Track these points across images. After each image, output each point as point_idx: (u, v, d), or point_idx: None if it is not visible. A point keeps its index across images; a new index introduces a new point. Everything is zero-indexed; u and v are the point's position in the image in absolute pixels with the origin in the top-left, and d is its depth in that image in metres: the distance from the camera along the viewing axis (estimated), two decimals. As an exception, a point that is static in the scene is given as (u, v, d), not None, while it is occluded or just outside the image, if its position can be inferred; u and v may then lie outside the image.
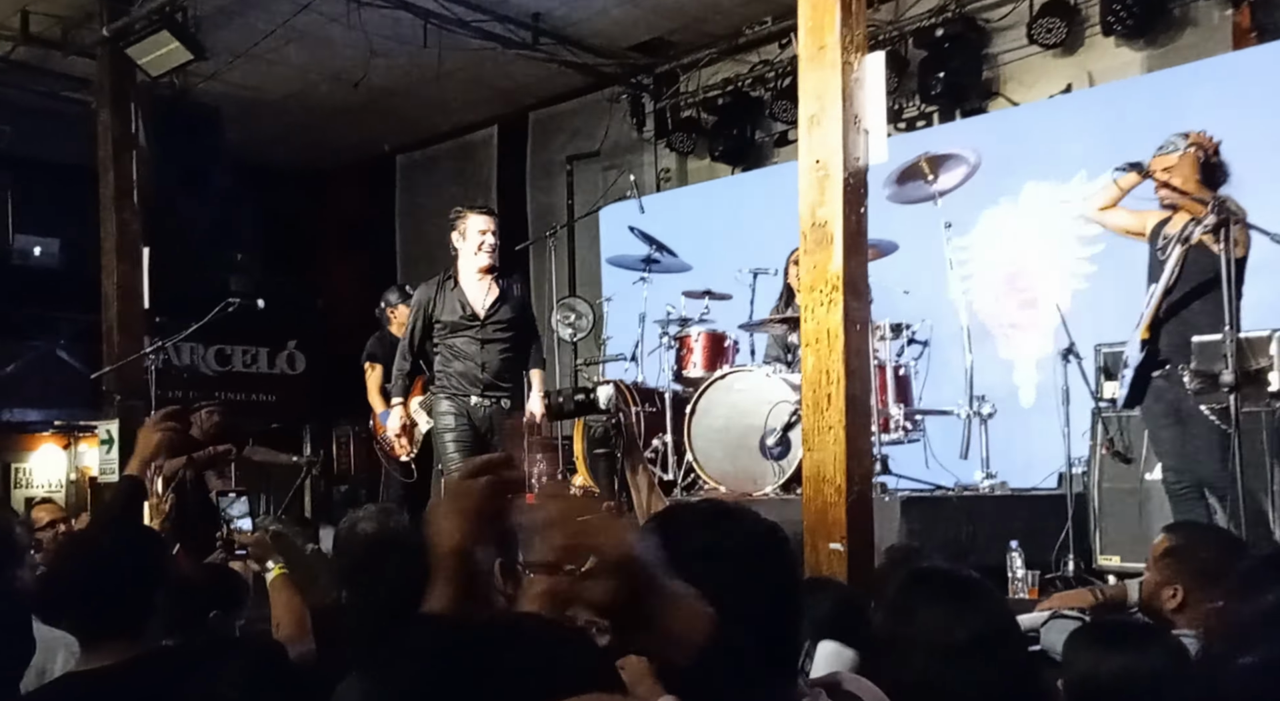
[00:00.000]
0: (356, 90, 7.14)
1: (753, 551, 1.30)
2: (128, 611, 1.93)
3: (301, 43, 6.86)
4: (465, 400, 4.53)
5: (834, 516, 3.23)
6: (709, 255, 5.78)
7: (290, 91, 7.69)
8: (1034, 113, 5.98)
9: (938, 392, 4.91)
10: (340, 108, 7.83)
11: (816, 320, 3.32)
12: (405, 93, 7.64)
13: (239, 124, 7.53)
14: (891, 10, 6.35)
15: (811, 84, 3.34)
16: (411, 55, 6.78)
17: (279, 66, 7.22)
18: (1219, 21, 5.49)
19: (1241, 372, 3.50)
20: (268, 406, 9.15)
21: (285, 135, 8.43)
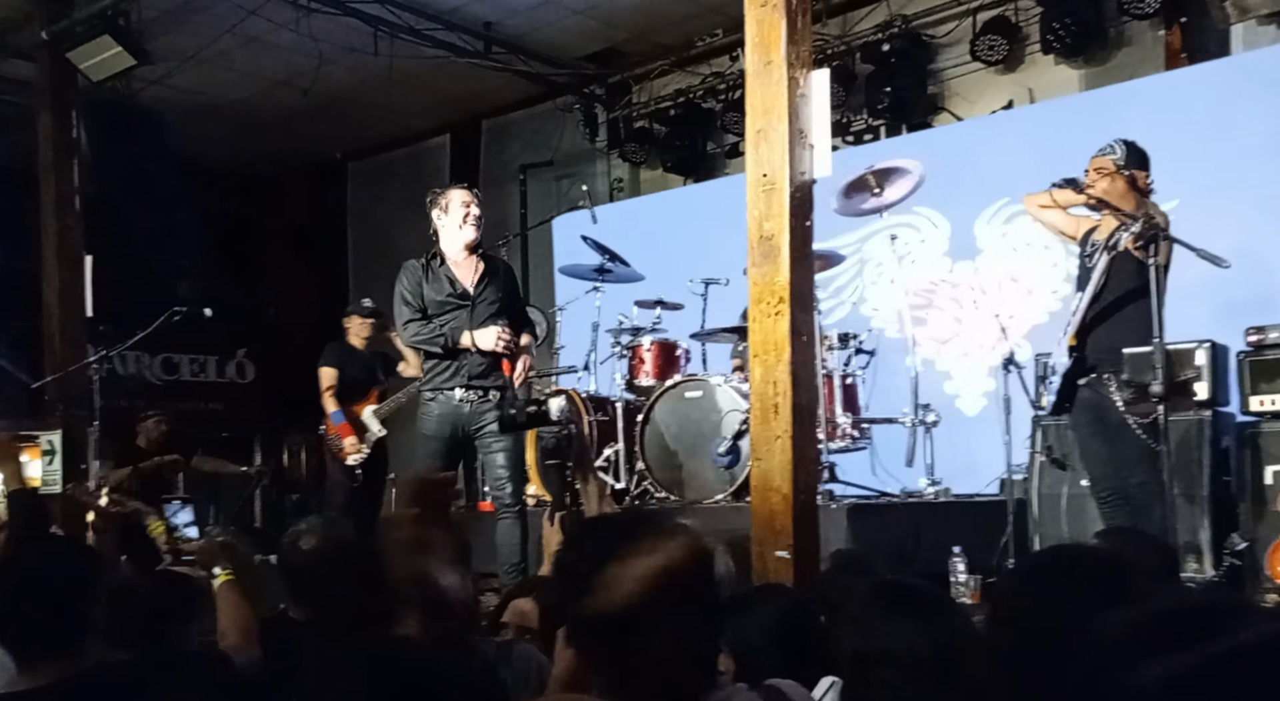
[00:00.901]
0: (306, 97, 7.08)
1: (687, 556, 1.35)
2: (60, 628, 1.88)
3: (249, 48, 6.79)
4: (450, 396, 4.09)
5: (781, 524, 3.28)
6: (661, 265, 5.83)
7: (239, 97, 7.60)
8: (977, 128, 6.13)
9: (884, 401, 5.00)
10: (290, 114, 7.75)
11: (764, 331, 3.37)
12: (356, 99, 7.60)
13: (186, 129, 7.41)
14: (840, 25, 6.46)
15: (758, 99, 3.40)
16: (362, 62, 6.75)
17: (227, 72, 7.14)
18: (1152, 43, 5.67)
19: (1170, 383, 3.64)
20: (216, 415, 9.00)
21: (234, 141, 8.32)
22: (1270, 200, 5.03)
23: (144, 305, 5.68)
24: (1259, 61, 5.22)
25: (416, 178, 8.76)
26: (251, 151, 8.62)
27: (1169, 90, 5.41)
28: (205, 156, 8.12)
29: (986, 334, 5.75)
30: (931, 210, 6.02)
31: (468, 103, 7.89)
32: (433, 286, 4.17)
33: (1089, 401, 3.74)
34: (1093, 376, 3.71)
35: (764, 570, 3.25)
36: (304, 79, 6.91)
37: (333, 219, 9.30)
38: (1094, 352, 3.71)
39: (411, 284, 4.18)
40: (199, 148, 7.86)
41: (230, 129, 8.08)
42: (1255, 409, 4.09)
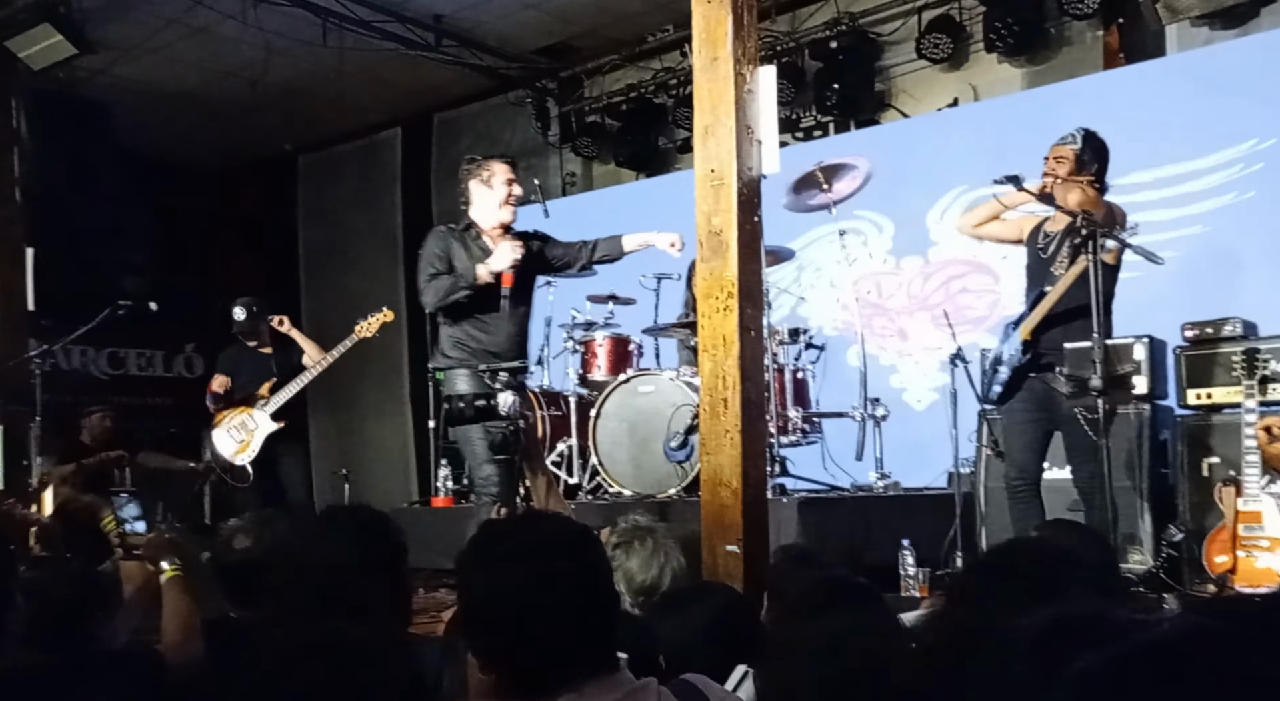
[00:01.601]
0: (255, 89, 6.96)
1: (574, 546, 1.43)
2: None
3: (195, 39, 6.66)
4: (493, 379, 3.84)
5: (730, 518, 3.27)
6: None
7: (186, 88, 7.45)
8: (923, 125, 6.20)
9: (834, 396, 5.05)
10: (239, 106, 7.62)
11: (713, 326, 3.37)
12: (306, 92, 7.49)
13: (133, 121, 7.25)
14: (789, 22, 6.50)
15: (705, 94, 3.39)
16: (312, 54, 6.65)
17: (173, 63, 6.99)
18: (1091, 42, 5.78)
19: (1109, 377, 3.71)
20: (164, 410, 8.77)
21: (182, 133, 8.16)
22: (1203, 197, 5.17)
23: (88, 299, 5.59)
24: (1192, 62, 5.35)
25: (368, 171, 8.69)
26: (200, 144, 8.46)
27: (1107, 89, 5.53)
28: (152, 148, 7.97)
29: (934, 329, 5.83)
30: (874, 213, 6.08)
31: (419, 96, 7.81)
32: (467, 256, 3.92)
33: (1039, 393, 3.79)
34: (1046, 371, 3.76)
35: (714, 565, 3.25)
36: (252, 71, 6.79)
37: (283, 212, 9.16)
38: (1049, 348, 3.76)
39: (441, 248, 3.95)
40: (146, 140, 7.71)
41: (178, 121, 7.92)
42: (1192, 402, 4.17)
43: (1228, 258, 5.09)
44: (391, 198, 8.54)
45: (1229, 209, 5.15)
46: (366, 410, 8.72)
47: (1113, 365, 4.07)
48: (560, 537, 1.44)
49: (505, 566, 1.40)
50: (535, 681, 1.38)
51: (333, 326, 8.94)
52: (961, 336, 4.76)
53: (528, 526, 1.52)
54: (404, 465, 8.30)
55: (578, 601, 1.38)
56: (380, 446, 8.53)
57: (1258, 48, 5.12)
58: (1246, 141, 5.10)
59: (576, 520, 1.56)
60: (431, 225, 7.98)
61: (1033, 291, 3.85)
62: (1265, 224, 5.00)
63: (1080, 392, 4.15)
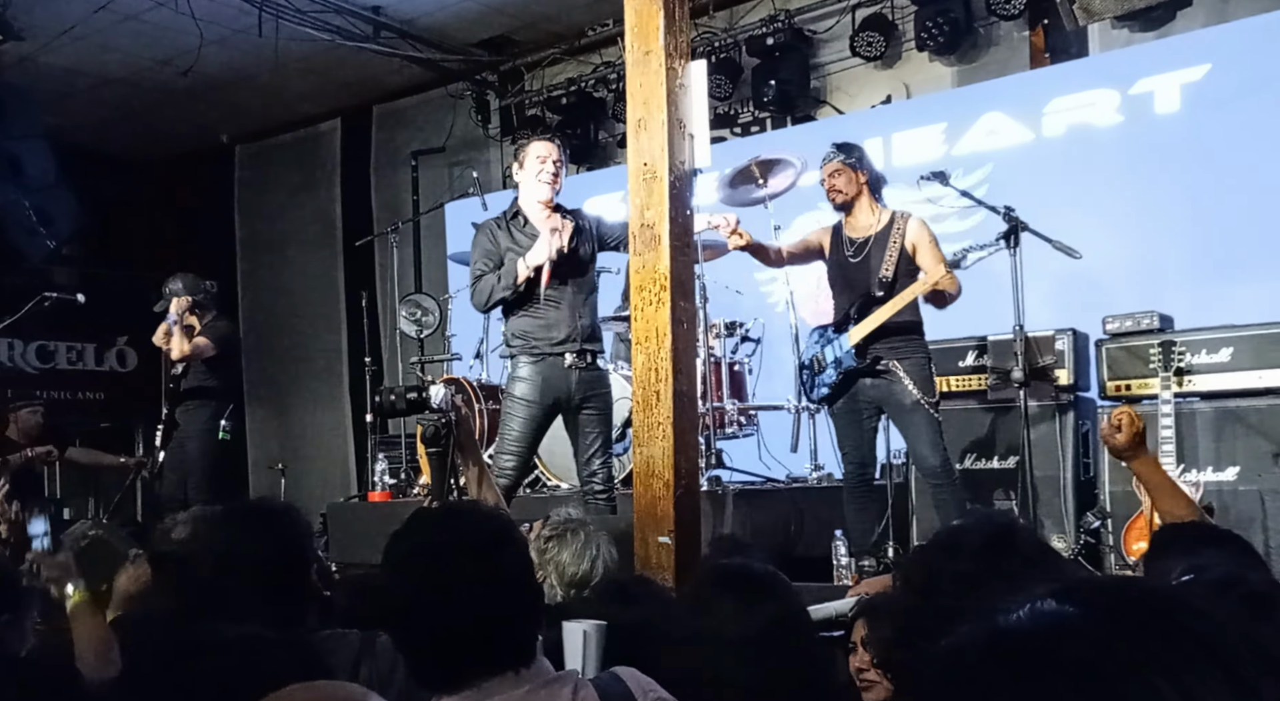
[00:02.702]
0: (187, 77, 6.79)
1: (480, 546, 1.44)
2: None
3: (125, 26, 6.48)
4: (558, 361, 3.79)
5: (663, 510, 3.29)
6: (553, 254, 5.81)
7: (116, 76, 7.26)
8: (858, 121, 6.30)
9: (770, 388, 5.12)
10: (171, 95, 7.45)
11: (646, 319, 3.39)
12: (242, 82, 7.35)
13: (60, 109, 7.05)
14: (726, 19, 6.55)
15: (637, 88, 3.40)
16: (247, 43, 6.54)
17: (102, 50, 6.81)
18: (1017, 42, 5.93)
19: (1030, 369, 3.83)
20: (95, 405, 8.66)
21: (112, 122, 7.97)
22: (1120, 193, 5.33)
23: (14, 291, 5.42)
24: (1111, 63, 5.53)
25: (306, 163, 8.55)
26: (132, 133, 8.27)
27: (1032, 87, 5.68)
28: (82, 137, 7.76)
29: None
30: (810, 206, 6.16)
31: (358, 87, 7.71)
32: (514, 245, 3.83)
33: (874, 393, 3.93)
34: (882, 372, 3.89)
35: (646, 556, 3.28)
36: (184, 59, 6.63)
37: (219, 203, 8.99)
38: (883, 348, 3.89)
39: (488, 244, 3.86)
40: (75, 128, 7.51)
41: (108, 110, 7.73)
42: (1112, 394, 4.30)
43: (1145, 251, 5.27)
44: (330, 190, 8.43)
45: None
46: (304, 402, 8.60)
47: (1034, 357, 4.20)
48: (471, 534, 1.45)
49: (411, 562, 1.43)
50: (437, 675, 1.40)
51: (270, 319, 8.85)
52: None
53: (441, 522, 1.52)
54: (342, 459, 8.20)
55: (481, 598, 1.39)
56: (318, 440, 8.43)
57: (1174, 49, 5.32)
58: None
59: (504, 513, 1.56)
60: (372, 217, 7.98)
61: (848, 295, 3.99)
62: (1182, 216, 5.18)
63: (1001, 384, 4.28)
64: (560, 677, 1.44)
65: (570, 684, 1.44)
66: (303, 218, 8.63)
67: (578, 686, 1.44)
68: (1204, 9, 5.32)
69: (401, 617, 1.42)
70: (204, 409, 5.39)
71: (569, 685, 1.43)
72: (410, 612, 1.41)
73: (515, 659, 1.42)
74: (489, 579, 1.41)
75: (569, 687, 1.43)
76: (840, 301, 4.04)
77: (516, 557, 1.50)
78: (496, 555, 1.45)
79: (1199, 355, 4.06)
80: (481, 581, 1.40)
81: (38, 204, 6.61)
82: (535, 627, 1.48)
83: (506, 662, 1.40)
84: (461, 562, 1.41)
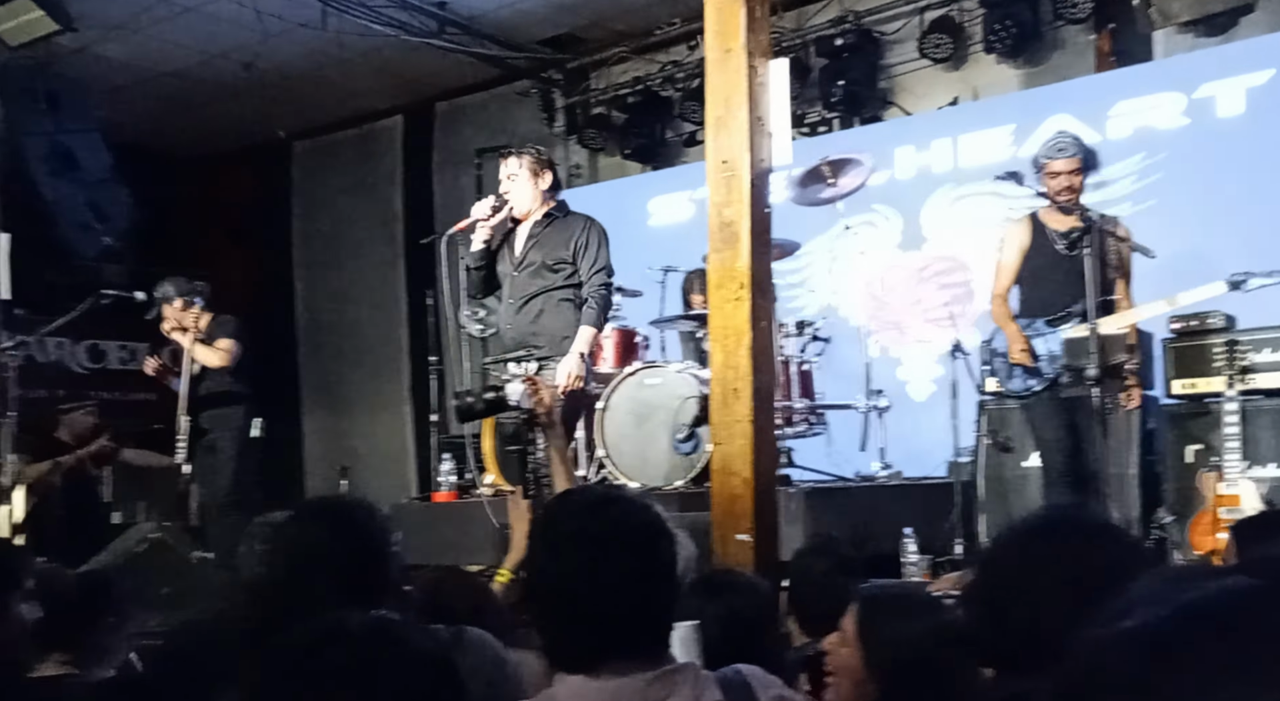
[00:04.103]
0: (248, 72, 6.77)
1: (640, 538, 1.46)
2: None
3: (185, 18, 6.44)
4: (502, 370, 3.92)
5: (741, 508, 3.32)
6: (620, 252, 5.83)
7: (174, 69, 7.21)
8: (925, 122, 6.29)
9: (838, 387, 5.12)
10: (230, 89, 7.38)
11: (724, 316, 3.42)
12: (303, 77, 7.29)
13: (116, 103, 7.00)
14: (795, 19, 6.55)
15: (717, 86, 3.43)
16: (310, 38, 6.51)
17: (161, 42, 6.75)
18: (1084, 45, 5.93)
19: (1103, 368, 3.81)
20: (147, 406, 8.45)
21: (169, 116, 7.92)
22: (1183, 194, 5.31)
23: (66, 289, 5.37)
24: (1176, 67, 5.55)
25: (366, 160, 8.51)
26: (188, 128, 8.21)
27: (1098, 90, 5.68)
28: (138, 132, 7.73)
29: (935, 322, 5.91)
30: (884, 205, 6.18)
31: (421, 84, 7.69)
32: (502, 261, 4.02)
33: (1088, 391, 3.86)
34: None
35: (724, 553, 3.29)
36: (245, 53, 6.61)
37: (276, 201, 8.96)
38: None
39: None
40: (131, 123, 7.47)
41: (164, 104, 7.67)
42: (1177, 392, 4.34)
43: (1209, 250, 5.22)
44: (391, 188, 8.45)
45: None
46: (363, 403, 8.58)
47: (1107, 355, 4.18)
48: (631, 526, 1.47)
49: (572, 548, 1.44)
50: (574, 656, 1.43)
51: (328, 319, 8.92)
52: (963, 330, 4.86)
53: (601, 511, 1.50)
54: (403, 460, 8.21)
55: (636, 589, 1.42)
56: (378, 441, 8.43)
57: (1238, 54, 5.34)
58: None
59: (653, 504, 1.54)
60: (433, 216, 8.00)
61: (1060, 290, 3.89)
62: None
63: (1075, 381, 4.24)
64: (681, 668, 1.46)
65: (691, 675, 1.46)
66: (362, 216, 8.61)
67: (698, 677, 1.47)
68: (1267, 15, 5.34)
69: (552, 600, 1.45)
70: (233, 410, 5.36)
71: (689, 676, 1.46)
72: (563, 596, 1.43)
73: (651, 646, 1.45)
74: (646, 570, 1.44)
75: (690, 678, 1.45)
76: (1047, 295, 3.97)
77: (670, 550, 1.52)
78: (654, 547, 1.47)
79: (1263, 353, 4.13)
80: (638, 573, 1.43)
81: (92, 199, 6.60)
82: (672, 617, 1.50)
83: (642, 650, 1.44)
84: (622, 553, 1.43)
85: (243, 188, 9.11)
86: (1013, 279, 4.12)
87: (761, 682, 1.55)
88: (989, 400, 4.70)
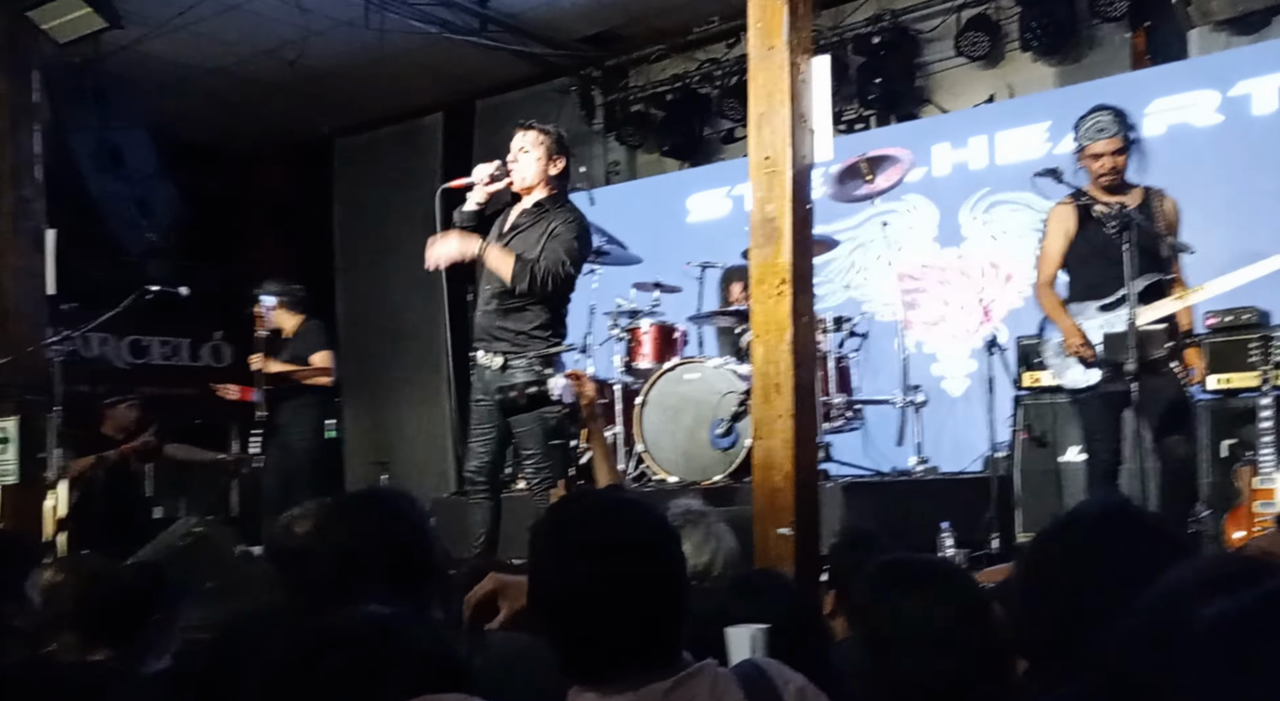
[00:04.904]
0: (292, 69, 6.82)
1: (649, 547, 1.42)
2: None
3: (231, 15, 6.53)
4: (473, 358, 3.96)
5: (782, 502, 3.31)
6: (659, 248, 5.94)
7: (218, 66, 7.31)
8: (962, 120, 6.31)
9: (875, 383, 5.16)
10: (274, 86, 7.48)
11: (765, 311, 3.43)
12: (345, 74, 7.37)
13: (161, 99, 7.08)
14: (832, 17, 6.58)
15: (760, 83, 3.45)
16: (352, 36, 6.58)
17: (206, 39, 6.83)
18: (1119, 44, 5.95)
19: (1142, 363, 3.79)
20: (189, 401, 8.40)
21: (212, 112, 8.02)
22: (1218, 191, 5.27)
23: (111, 284, 5.31)
24: (1211, 65, 5.56)
25: (407, 157, 8.54)
26: (231, 124, 8.31)
27: (1134, 88, 5.66)
28: (181, 128, 7.80)
29: (970, 317, 5.93)
30: (920, 198, 6.20)
31: (462, 81, 7.76)
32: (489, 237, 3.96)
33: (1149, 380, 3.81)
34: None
35: (765, 548, 3.30)
36: (289, 50, 6.67)
37: (317, 197, 9.05)
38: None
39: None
40: (174, 119, 7.54)
41: (208, 100, 7.75)
42: (1213, 387, 4.34)
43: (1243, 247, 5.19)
44: (432, 185, 8.46)
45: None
46: (404, 398, 8.65)
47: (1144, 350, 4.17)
48: (640, 533, 1.43)
49: (579, 558, 1.39)
50: (587, 669, 1.39)
51: (368, 315, 9.03)
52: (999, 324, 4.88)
53: (609, 519, 1.45)
54: (443, 454, 8.26)
55: (648, 598, 1.38)
56: (417, 435, 8.51)
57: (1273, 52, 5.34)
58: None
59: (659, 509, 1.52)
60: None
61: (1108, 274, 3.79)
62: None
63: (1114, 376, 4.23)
64: (699, 670, 1.42)
65: (709, 677, 1.42)
66: (403, 212, 8.66)
67: (717, 679, 1.43)
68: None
69: (560, 612, 1.39)
70: (311, 409, 5.49)
71: (708, 678, 1.42)
72: (571, 609, 1.38)
73: (667, 654, 1.41)
74: (657, 579, 1.40)
75: (709, 681, 1.41)
76: (1097, 278, 3.88)
77: (679, 555, 1.48)
78: (664, 555, 1.44)
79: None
80: (649, 582, 1.39)
81: (138, 195, 6.67)
82: (685, 623, 1.44)
83: (658, 658, 1.40)
84: (632, 563, 1.38)
85: (285, 184, 9.19)
86: (1058, 265, 4.00)
87: (781, 676, 1.50)
88: (1025, 395, 4.71)
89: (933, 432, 5.00)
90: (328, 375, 5.55)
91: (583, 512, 1.47)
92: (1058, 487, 4.53)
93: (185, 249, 8.28)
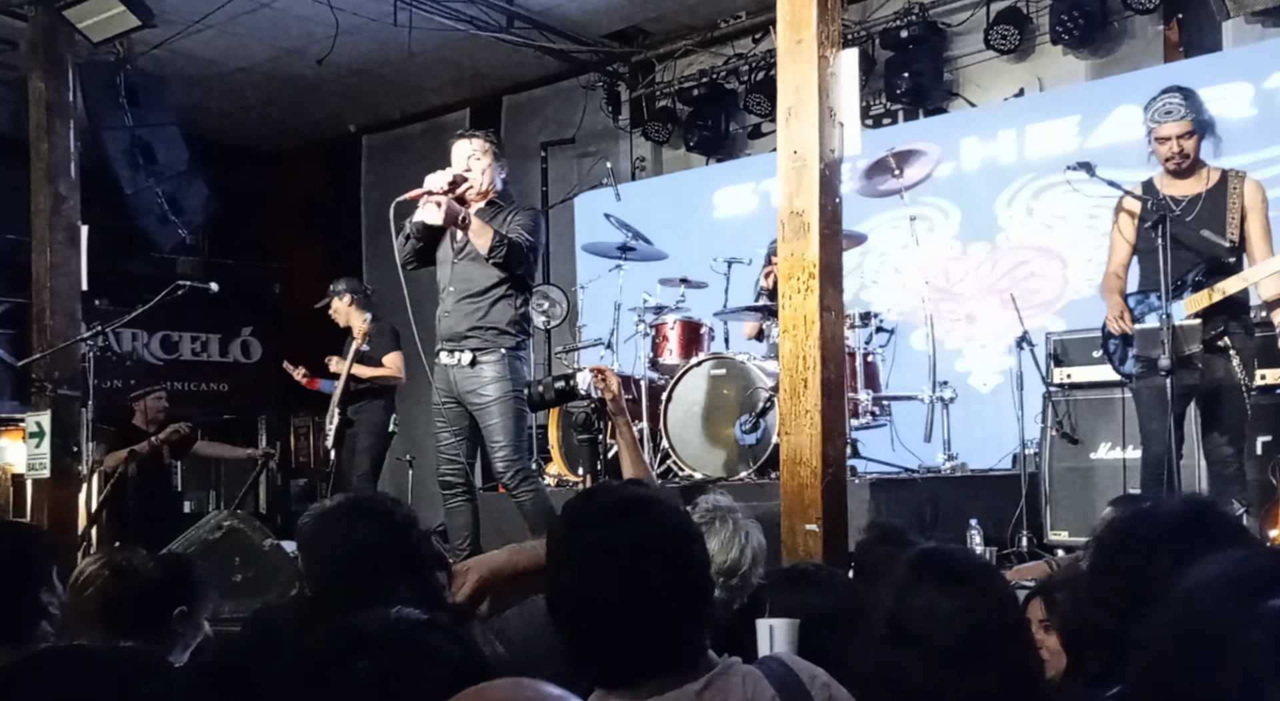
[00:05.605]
0: (320, 67, 6.91)
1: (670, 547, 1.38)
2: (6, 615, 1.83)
3: (261, 14, 6.63)
4: (436, 361, 4.06)
5: (810, 497, 3.30)
6: (684, 244, 5.93)
7: (248, 64, 7.40)
8: (991, 113, 6.25)
9: (902, 378, 5.12)
10: (303, 84, 7.58)
11: (794, 306, 3.42)
12: (373, 72, 7.45)
13: (192, 96, 7.18)
14: (860, 11, 6.55)
15: (789, 77, 3.43)
16: (380, 33, 6.65)
17: (237, 37, 6.94)
18: (1152, 36, 5.87)
19: (1176, 358, 3.73)
20: (219, 396, 8.70)
21: (242, 110, 8.11)
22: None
23: (142, 280, 5.50)
24: (1244, 57, 5.46)
25: (434, 153, 8.63)
26: (260, 121, 8.41)
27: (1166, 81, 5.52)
28: (211, 126, 7.91)
29: (1000, 313, 5.86)
30: (940, 199, 6.15)
31: (488, 78, 7.81)
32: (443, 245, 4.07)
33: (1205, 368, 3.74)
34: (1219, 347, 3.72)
35: (793, 544, 3.30)
36: (318, 48, 6.75)
37: (345, 194, 9.13)
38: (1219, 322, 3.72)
39: None
40: (205, 116, 7.65)
41: (238, 98, 7.85)
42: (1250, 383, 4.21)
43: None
44: (458, 181, 8.58)
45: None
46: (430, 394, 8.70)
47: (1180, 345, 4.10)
48: (660, 534, 1.37)
49: (598, 561, 1.34)
50: (611, 674, 1.35)
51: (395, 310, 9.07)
52: (1029, 320, 4.82)
53: (628, 519, 1.39)
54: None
55: (670, 600, 1.34)
56: (445, 432, 8.61)
57: None
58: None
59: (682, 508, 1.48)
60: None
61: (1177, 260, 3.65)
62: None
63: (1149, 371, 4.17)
64: (727, 670, 1.39)
65: (739, 676, 1.39)
66: None
67: (746, 678, 1.40)
68: (1334, 6, 5.24)
69: (582, 616, 1.35)
70: (377, 404, 5.78)
71: (738, 678, 1.39)
72: (593, 612, 1.34)
73: (693, 655, 1.38)
74: (678, 580, 1.36)
75: (739, 680, 1.39)
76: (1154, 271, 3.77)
77: (702, 554, 1.44)
78: (685, 555, 1.39)
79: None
80: (670, 583, 1.34)
81: (169, 192, 6.58)
82: (710, 622, 1.41)
83: (685, 659, 1.36)
84: (652, 564, 1.33)
85: (314, 181, 9.28)
86: (1127, 254, 3.88)
87: (806, 671, 1.47)
88: (1055, 391, 4.66)
89: (961, 429, 4.96)
90: (399, 376, 5.79)
91: (601, 512, 1.41)
92: (1089, 485, 4.48)
93: (215, 245, 8.36)
